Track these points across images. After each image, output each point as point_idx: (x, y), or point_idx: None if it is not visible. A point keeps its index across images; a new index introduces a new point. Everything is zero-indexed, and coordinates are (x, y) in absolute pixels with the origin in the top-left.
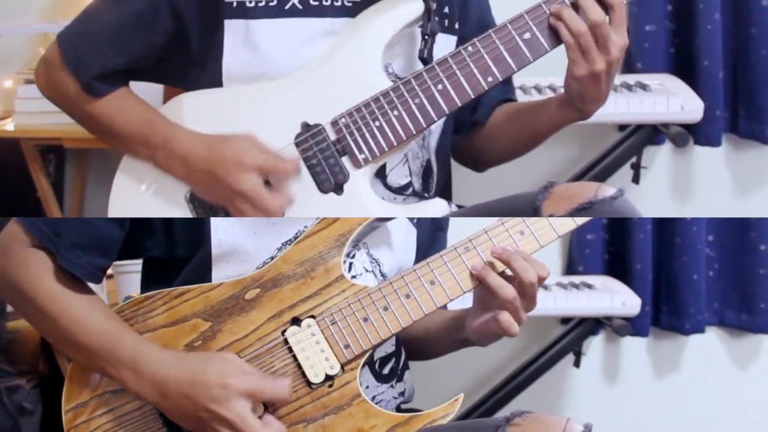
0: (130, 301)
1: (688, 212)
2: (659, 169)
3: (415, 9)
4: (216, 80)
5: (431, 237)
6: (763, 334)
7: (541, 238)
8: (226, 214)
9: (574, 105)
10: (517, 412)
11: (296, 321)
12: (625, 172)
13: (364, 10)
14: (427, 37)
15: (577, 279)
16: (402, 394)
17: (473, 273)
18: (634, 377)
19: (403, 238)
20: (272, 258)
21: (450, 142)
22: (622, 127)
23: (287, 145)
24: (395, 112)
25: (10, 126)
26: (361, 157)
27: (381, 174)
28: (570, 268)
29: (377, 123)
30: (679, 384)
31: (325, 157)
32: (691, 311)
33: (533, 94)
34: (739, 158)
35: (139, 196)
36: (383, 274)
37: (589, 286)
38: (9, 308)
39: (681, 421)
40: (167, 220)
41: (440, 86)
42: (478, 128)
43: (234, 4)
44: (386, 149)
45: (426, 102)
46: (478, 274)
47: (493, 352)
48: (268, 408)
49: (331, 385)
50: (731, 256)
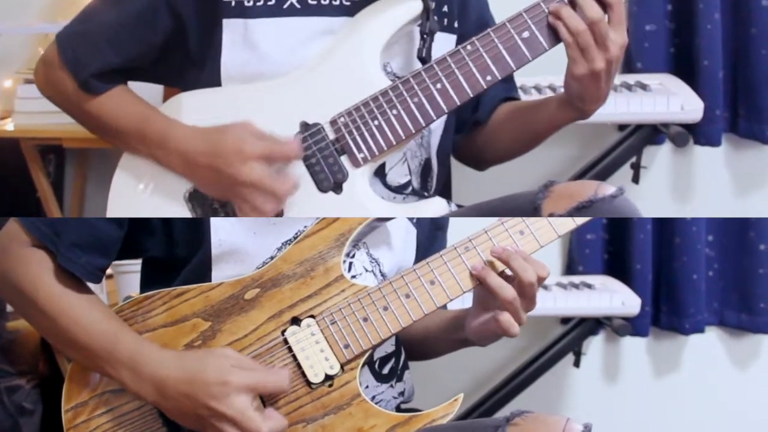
0: (129, 301)
1: (687, 212)
2: (659, 169)
3: (413, 8)
4: (215, 80)
5: (431, 236)
6: (762, 333)
7: (541, 238)
8: (226, 213)
9: (574, 104)
10: (517, 412)
11: (296, 321)
12: (625, 171)
13: (363, 9)
14: (425, 36)
15: (577, 279)
16: (402, 394)
17: (473, 273)
18: (634, 377)
19: (403, 237)
20: (272, 258)
21: (450, 141)
22: (622, 127)
23: None
24: (394, 112)
25: (9, 126)
26: (360, 157)
27: (380, 173)
28: (570, 268)
29: (376, 122)
30: (678, 384)
31: (324, 156)
32: (691, 311)
33: (533, 94)
34: (739, 158)
35: (138, 195)
36: (383, 274)
37: (589, 286)
38: (9, 308)
39: (681, 421)
40: (167, 220)
41: (439, 85)
42: (480, 127)
43: (232, 4)
44: (385, 148)
45: (425, 101)
46: (478, 275)
47: (493, 352)
48: (265, 401)
49: (331, 385)
50: (731, 256)
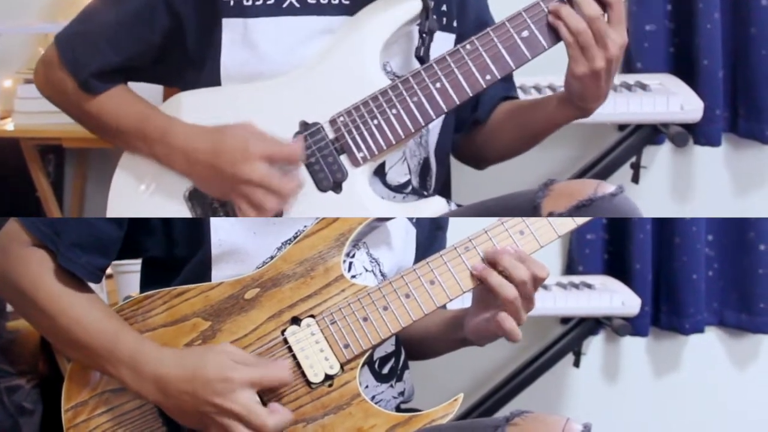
0: (129, 301)
1: (687, 212)
2: (659, 169)
3: (413, 7)
4: (214, 79)
5: (430, 236)
6: (762, 333)
7: (541, 238)
8: (225, 213)
9: (575, 103)
10: (517, 412)
11: (296, 320)
12: (625, 171)
13: (363, 9)
14: (424, 35)
15: (577, 279)
16: (401, 394)
17: (474, 273)
18: (634, 377)
19: (403, 237)
20: (272, 257)
21: (449, 140)
22: (622, 127)
23: None
24: (394, 111)
25: (9, 126)
26: (359, 156)
27: (380, 172)
28: (570, 268)
29: (376, 122)
30: (678, 384)
31: (324, 155)
32: (691, 311)
33: (533, 94)
34: (739, 158)
35: (138, 195)
36: (383, 274)
37: (589, 286)
38: (9, 308)
39: (680, 421)
40: (167, 220)
41: (439, 85)
42: (479, 126)
43: (231, 3)
44: (385, 148)
45: (424, 100)
46: (479, 274)
47: (492, 352)
48: (264, 400)
49: (331, 385)
50: (731, 255)
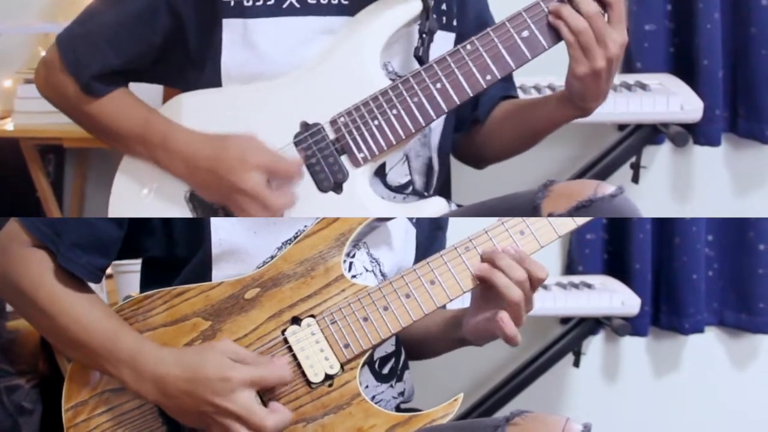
0: (129, 300)
1: (687, 212)
2: (659, 169)
3: (413, 8)
4: (214, 80)
5: (430, 236)
6: (762, 333)
7: (541, 238)
8: (226, 213)
9: (575, 103)
10: (517, 412)
11: (296, 320)
12: (625, 171)
13: (363, 9)
14: (424, 35)
15: (577, 279)
16: (402, 394)
17: (479, 274)
18: (634, 377)
19: (403, 237)
20: (272, 257)
21: (450, 140)
22: (622, 127)
23: (286, 144)
24: (394, 111)
25: (9, 126)
26: (360, 156)
27: (380, 173)
28: (569, 268)
29: (376, 122)
30: (678, 384)
31: (324, 156)
32: (691, 311)
33: (533, 94)
34: (739, 158)
35: (139, 198)
36: (383, 274)
37: (589, 286)
38: (9, 308)
39: (680, 421)
40: (167, 220)
41: (439, 85)
42: (479, 125)
43: (232, 3)
44: (385, 148)
45: (425, 101)
46: (484, 275)
47: (492, 352)
48: (264, 399)
49: (331, 385)
50: (730, 256)
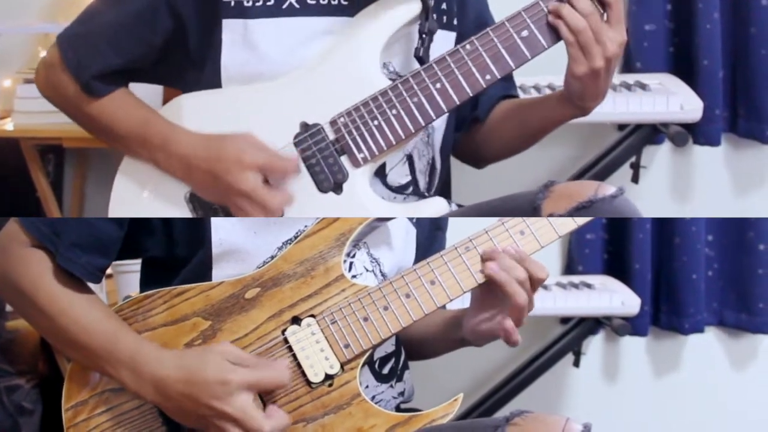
0: (129, 300)
1: (687, 212)
2: (658, 169)
3: (412, 8)
4: (214, 80)
5: (430, 237)
6: (761, 333)
7: (542, 239)
8: (226, 213)
9: (574, 102)
10: (517, 412)
11: (296, 320)
12: (625, 171)
13: (363, 10)
14: (424, 36)
15: (577, 279)
16: (402, 394)
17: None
18: (634, 377)
19: (403, 237)
20: (272, 257)
21: (451, 139)
22: (622, 127)
23: (286, 144)
24: (394, 112)
25: (9, 126)
26: (360, 157)
27: (381, 173)
28: (569, 268)
29: (376, 122)
30: (678, 383)
31: (324, 156)
32: (691, 311)
33: (533, 94)
34: (739, 158)
35: (140, 199)
36: (383, 274)
37: (589, 286)
38: (8, 308)
39: (680, 421)
40: (167, 220)
41: (439, 85)
42: (479, 125)
43: (232, 4)
44: (385, 148)
45: (424, 101)
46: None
47: (492, 352)
48: (264, 400)
49: (331, 385)
50: (730, 255)
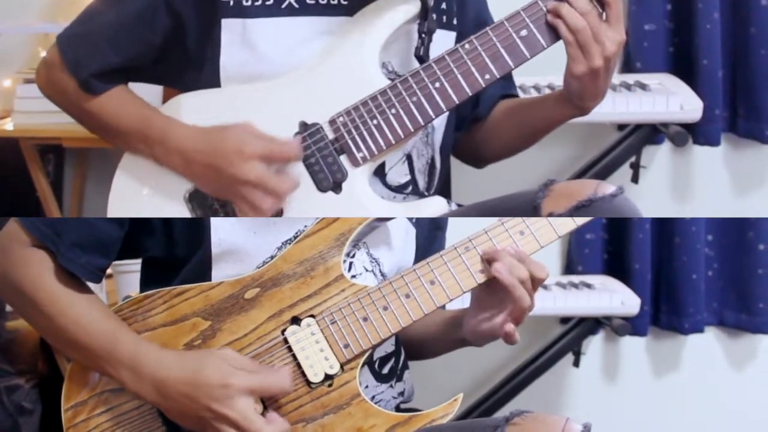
0: (129, 300)
1: (687, 212)
2: (658, 169)
3: (412, 8)
4: (213, 80)
5: (430, 236)
6: (761, 333)
7: (541, 239)
8: (226, 213)
9: (573, 102)
10: (517, 412)
11: (296, 320)
12: (625, 171)
13: (362, 9)
14: (423, 35)
15: (577, 279)
16: (401, 394)
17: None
18: (634, 377)
19: (403, 237)
20: (272, 257)
21: (451, 138)
22: (622, 127)
23: None
24: (393, 111)
25: (9, 125)
26: (359, 156)
27: (380, 173)
28: (569, 268)
29: (375, 122)
30: (678, 383)
31: (324, 156)
32: (690, 311)
33: (532, 93)
34: (738, 158)
35: (139, 196)
36: (383, 274)
37: (589, 286)
38: (8, 308)
39: (680, 421)
40: (167, 220)
41: (438, 84)
42: (478, 124)
43: (231, 3)
44: (384, 148)
45: (424, 100)
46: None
47: (492, 352)
48: (266, 403)
49: (331, 385)
50: (730, 255)
